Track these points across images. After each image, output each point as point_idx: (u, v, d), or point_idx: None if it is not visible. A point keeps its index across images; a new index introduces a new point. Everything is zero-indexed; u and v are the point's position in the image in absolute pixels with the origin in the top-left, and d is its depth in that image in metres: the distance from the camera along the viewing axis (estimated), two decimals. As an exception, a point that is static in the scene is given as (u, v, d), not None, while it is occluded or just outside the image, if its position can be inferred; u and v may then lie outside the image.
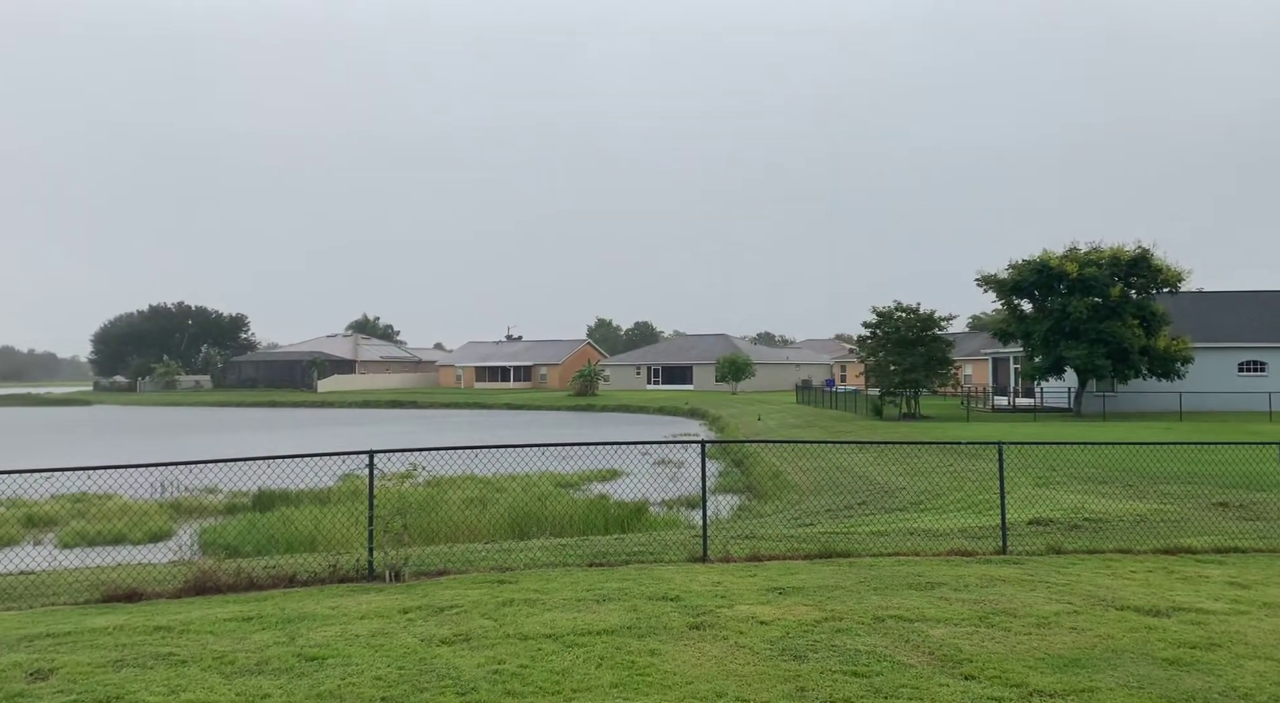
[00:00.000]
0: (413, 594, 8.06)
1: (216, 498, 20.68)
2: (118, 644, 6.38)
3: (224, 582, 8.68)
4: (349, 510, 15.66)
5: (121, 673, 5.67)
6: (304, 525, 15.26)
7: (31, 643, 6.47)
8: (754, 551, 10.10)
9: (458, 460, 20.23)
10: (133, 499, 19.05)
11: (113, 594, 8.39)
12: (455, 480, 20.76)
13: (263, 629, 6.81)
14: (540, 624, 6.80)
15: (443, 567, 9.46)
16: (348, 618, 7.14)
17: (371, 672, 5.68)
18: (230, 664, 5.86)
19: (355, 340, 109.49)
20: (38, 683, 5.48)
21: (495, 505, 17.72)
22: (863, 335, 41.38)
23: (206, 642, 6.44)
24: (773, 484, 21.82)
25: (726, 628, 6.66)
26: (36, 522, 17.82)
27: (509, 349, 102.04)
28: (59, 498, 18.87)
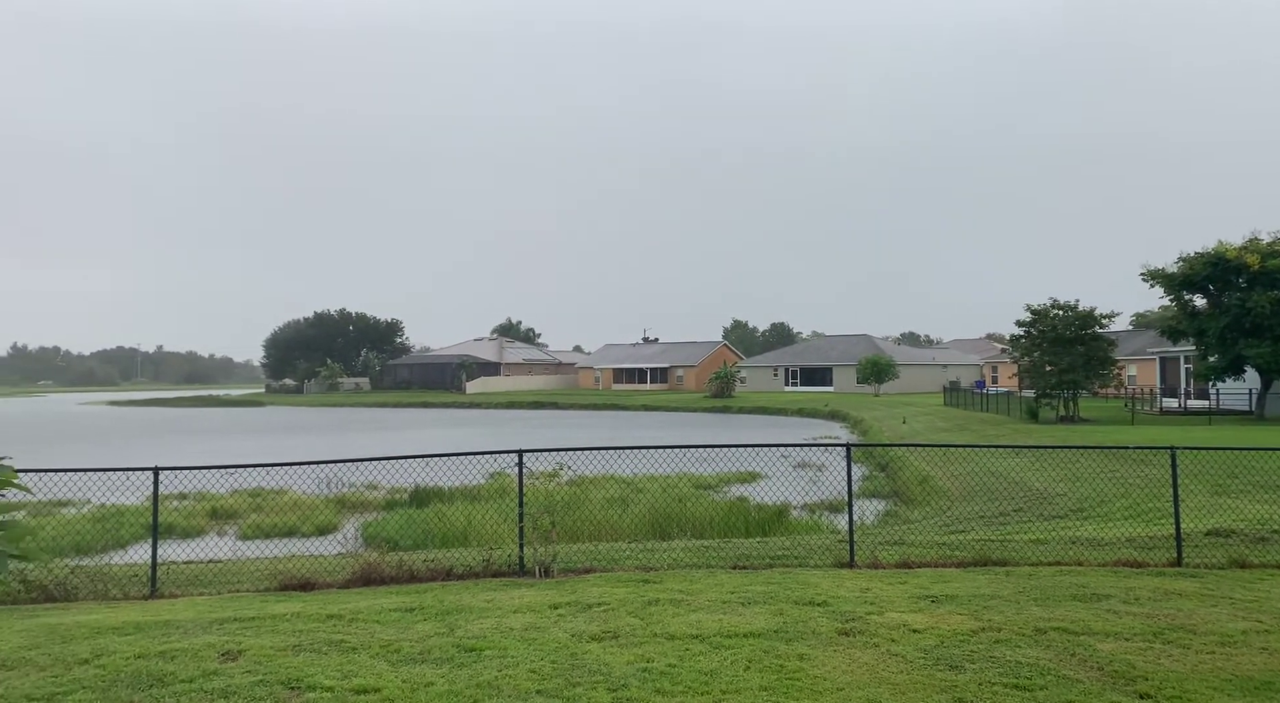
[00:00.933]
0: (562, 590, 8.28)
1: (377, 494, 21.82)
2: (295, 630, 6.86)
3: (387, 574, 9.17)
4: (498, 508, 16.21)
5: (300, 657, 6.10)
6: (457, 521, 15.91)
7: (222, 626, 7.04)
8: (903, 557, 9.82)
9: (599, 461, 20.61)
10: (303, 495, 20.41)
11: (289, 583, 9.02)
12: (597, 480, 21.15)
13: (424, 620, 7.16)
14: (686, 625, 6.84)
15: (589, 565, 9.67)
16: (502, 612, 7.41)
17: (526, 665, 5.87)
18: (396, 653, 6.19)
19: (500, 344, 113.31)
20: (228, 663, 5.96)
21: (636, 506, 17.92)
22: (1016, 334, 39.38)
23: (374, 631, 6.83)
24: (920, 489, 21.11)
25: (877, 635, 6.51)
26: (220, 514, 19.30)
27: (645, 351, 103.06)
28: (239, 493, 20.43)
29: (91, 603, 8.47)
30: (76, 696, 5.25)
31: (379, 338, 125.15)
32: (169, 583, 9.21)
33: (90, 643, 6.45)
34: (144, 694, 5.28)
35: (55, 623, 7.22)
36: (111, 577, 9.24)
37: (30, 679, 5.59)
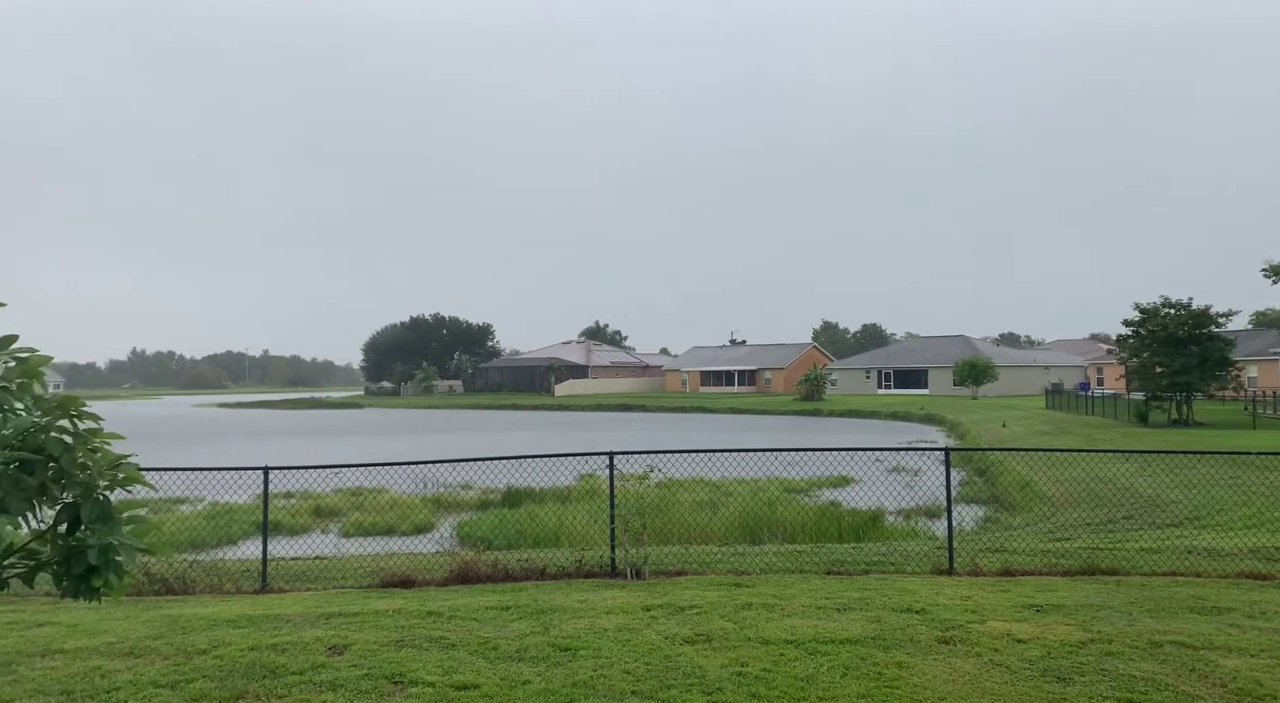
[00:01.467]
0: (654, 593, 8.31)
1: (471, 494, 22.30)
2: (397, 626, 7.07)
3: (483, 572, 9.36)
4: (587, 509, 16.36)
5: (402, 653, 6.28)
6: (548, 522, 16.13)
7: (328, 620, 7.31)
8: (1005, 565, 9.51)
9: (687, 463, 20.58)
10: (401, 494, 21.02)
11: (390, 580, 9.30)
12: (685, 483, 21.12)
13: (520, 619, 7.29)
14: (781, 630, 6.78)
15: (680, 567, 9.67)
16: (595, 612, 7.48)
17: (620, 665, 5.91)
18: (494, 650, 6.32)
19: (588, 347, 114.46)
20: (335, 657, 6.18)
21: (725, 509, 17.84)
22: (1124, 335, 37.68)
23: (472, 628, 6.99)
24: (1021, 495, 20.40)
25: (979, 644, 6.32)
26: (323, 513, 20.04)
27: (732, 353, 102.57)
28: (340, 492, 21.18)
29: (207, 596, 8.91)
30: (197, 684, 5.53)
31: (471, 341, 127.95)
32: (278, 578, 9.61)
33: (208, 634, 6.78)
34: (258, 685, 5.52)
35: (176, 614, 7.62)
36: (225, 571, 9.70)
37: (156, 667, 5.92)
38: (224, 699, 5.25)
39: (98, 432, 4.20)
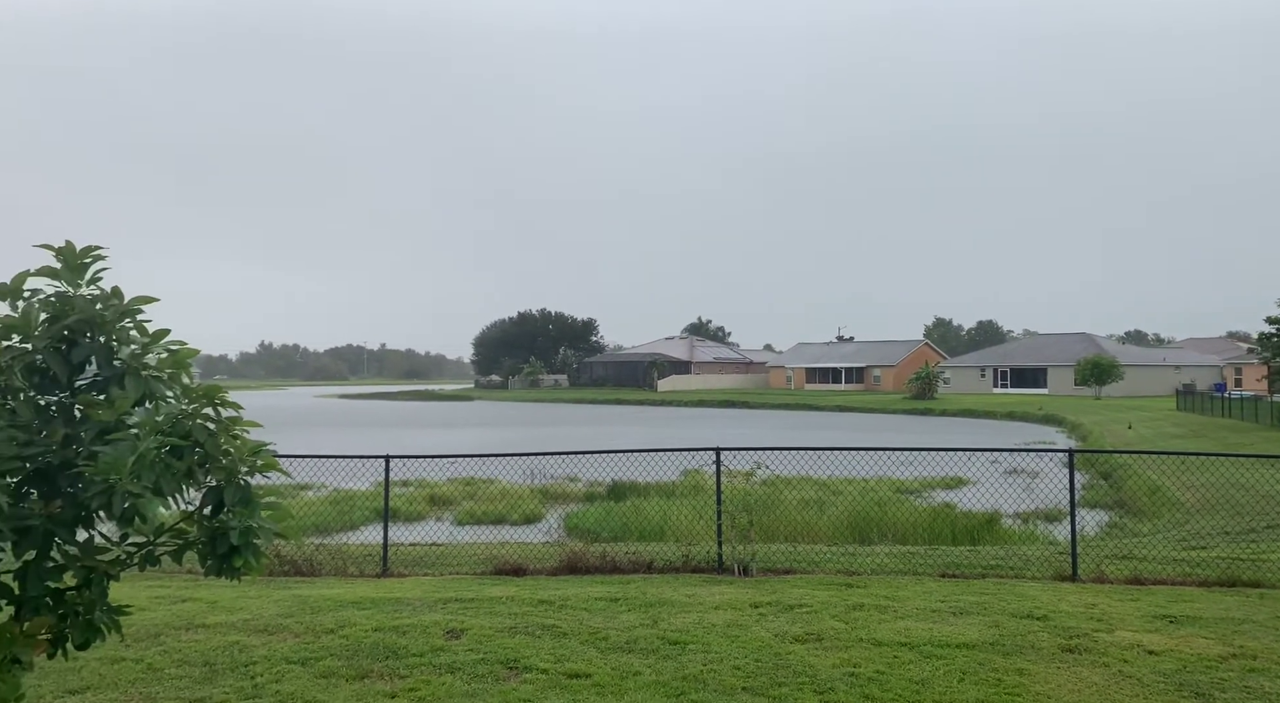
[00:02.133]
0: (761, 590, 8.26)
1: (577, 486, 22.64)
2: (511, 613, 7.25)
3: (592, 564, 9.50)
4: (692, 504, 16.37)
5: (516, 639, 6.44)
6: (653, 516, 16.22)
7: (445, 605, 7.56)
8: (1134, 572, 9.04)
9: (792, 461, 20.35)
10: (510, 484, 21.52)
11: (502, 568, 9.55)
12: (791, 481, 20.89)
13: (629, 611, 7.37)
14: (893, 632, 6.64)
15: (788, 566, 9.58)
16: (703, 607, 7.49)
17: (730, 661, 5.91)
18: (604, 640, 6.41)
19: (690, 342, 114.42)
20: (453, 641, 6.39)
21: (833, 508, 17.57)
22: (1266, 333, 35.26)
23: (582, 618, 7.10)
24: (1150, 501, 19.33)
25: (1106, 654, 6.03)
26: (438, 501, 20.70)
27: (840, 350, 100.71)
28: (454, 481, 21.81)
29: (332, 578, 9.34)
30: (326, 662, 5.81)
31: (575, 337, 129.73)
32: (398, 563, 9.99)
33: (334, 615, 7.12)
34: (382, 665, 5.76)
35: (305, 595, 8.03)
36: (349, 555, 10.15)
37: (288, 644, 6.25)
38: (351, 677, 5.50)
39: (238, 420, 4.46)
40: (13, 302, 4.14)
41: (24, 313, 4.09)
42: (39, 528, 3.85)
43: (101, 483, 3.79)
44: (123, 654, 5.87)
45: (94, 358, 4.18)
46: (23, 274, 4.15)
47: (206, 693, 5.19)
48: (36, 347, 4.01)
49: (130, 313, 4.35)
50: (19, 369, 3.98)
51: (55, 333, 4.09)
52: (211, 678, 5.48)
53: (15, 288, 4.14)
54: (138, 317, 4.37)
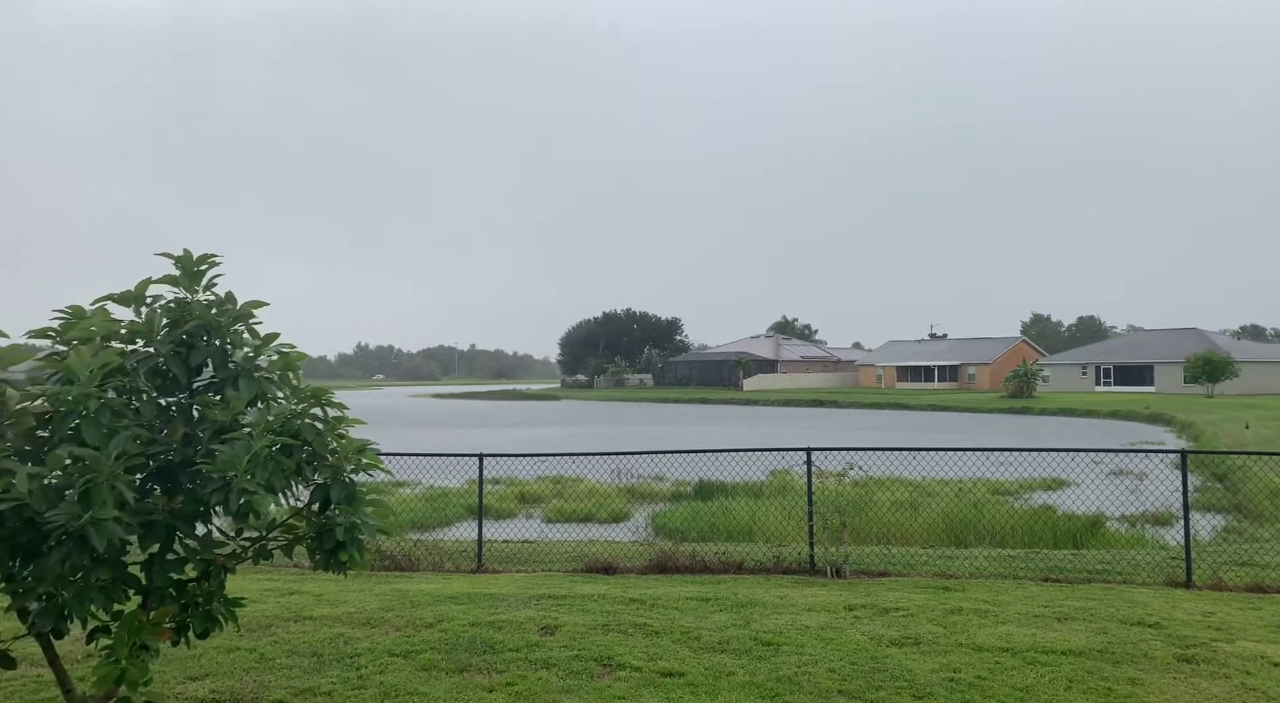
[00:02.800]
0: (855, 592, 8.13)
1: (663, 486, 22.67)
2: (603, 611, 7.32)
3: (681, 563, 9.51)
4: (781, 505, 16.21)
5: (608, 636, 6.50)
6: (741, 516, 16.12)
7: (538, 602, 7.68)
8: (1255, 580, 8.56)
9: (884, 461, 19.94)
10: (597, 483, 21.69)
11: (593, 566, 9.64)
12: (883, 482, 20.48)
13: (720, 611, 7.35)
14: (994, 637, 6.45)
15: (882, 568, 9.41)
16: (795, 609, 7.42)
17: (825, 663, 5.83)
18: (696, 640, 6.41)
19: (776, 341, 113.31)
20: (547, 637, 6.49)
21: (927, 510, 17.14)
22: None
23: (673, 617, 7.12)
24: (1272, 505, 18.26)
25: (1227, 665, 5.73)
26: (527, 498, 21.01)
27: (932, 348, 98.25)
28: (542, 479, 22.12)
29: (430, 573, 9.58)
30: (426, 655, 5.97)
31: (660, 336, 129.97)
32: (491, 559, 10.19)
33: (433, 609, 7.31)
34: (480, 659, 5.89)
35: (404, 589, 8.26)
36: (445, 551, 10.40)
37: (390, 637, 6.45)
38: (450, 671, 5.64)
39: (342, 419, 4.63)
40: (136, 307, 4.38)
41: (147, 319, 4.32)
42: (162, 522, 4.07)
43: (218, 480, 3.97)
44: (237, 644, 6.15)
45: (210, 361, 4.39)
46: (145, 281, 4.38)
47: (315, 683, 5.39)
48: (159, 351, 4.23)
49: (243, 317, 4.55)
50: (143, 372, 4.21)
51: (175, 337, 4.31)
52: (319, 668, 5.69)
53: (139, 294, 4.38)
54: (250, 321, 4.58)
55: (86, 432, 3.69)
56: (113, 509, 3.55)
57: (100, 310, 4.30)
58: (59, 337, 4.14)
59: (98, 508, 3.50)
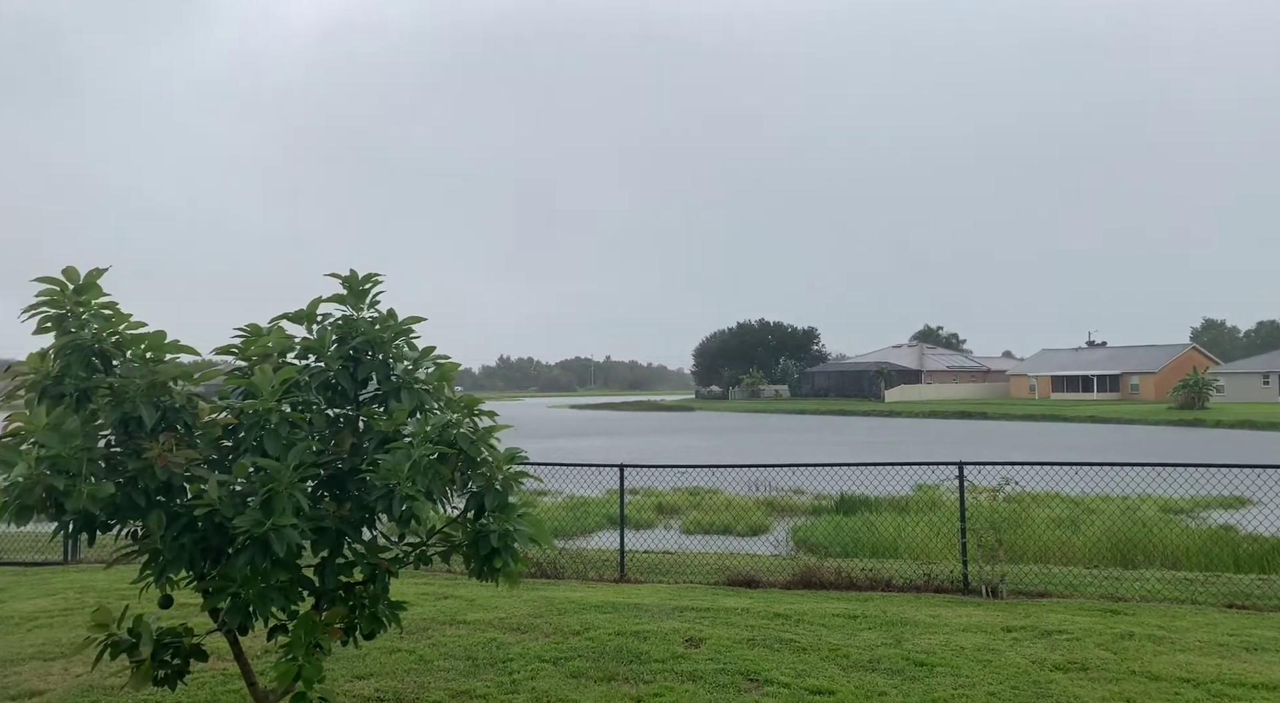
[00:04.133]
0: (1014, 613, 7.73)
1: (803, 499, 22.28)
2: (747, 625, 7.24)
3: (826, 579, 9.31)
4: (928, 521, 15.65)
5: (754, 651, 6.42)
6: (886, 531, 15.64)
7: (681, 613, 7.68)
8: None
9: (1039, 476, 18.92)
10: (734, 495, 21.53)
11: (735, 579, 9.56)
12: (1039, 497, 19.44)
13: (869, 629, 7.14)
14: (1172, 665, 5.98)
15: (1042, 589, 8.91)
16: (949, 629, 7.12)
17: (984, 687, 5.56)
18: (845, 658, 6.25)
19: (920, 350, 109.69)
20: (692, 649, 6.47)
21: (1089, 528, 16.13)
22: None
23: (820, 634, 6.96)
24: None
25: None
26: (665, 510, 21.10)
27: (1090, 356, 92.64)
28: (679, 491, 22.17)
29: (574, 581, 9.76)
30: (574, 662, 6.07)
31: (796, 346, 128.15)
32: (633, 569, 10.28)
33: (579, 617, 7.43)
34: (626, 669, 5.94)
35: (551, 596, 8.45)
36: (588, 560, 10.57)
37: (539, 643, 6.60)
38: (598, 679, 5.71)
39: (493, 428, 4.78)
40: (309, 325, 4.67)
41: (319, 335, 4.61)
42: (332, 528, 4.31)
43: (383, 487, 4.17)
44: (398, 645, 6.44)
45: (374, 374, 4.63)
46: (316, 300, 4.67)
47: (471, 686, 5.57)
48: (329, 365, 4.50)
49: (403, 332, 4.78)
50: (315, 385, 4.48)
51: (343, 353, 4.57)
52: (474, 672, 5.88)
53: (310, 313, 4.67)
54: (408, 335, 4.81)
55: (268, 443, 3.96)
56: (291, 516, 3.79)
57: (277, 328, 4.61)
58: (241, 353, 4.47)
59: (279, 515, 3.75)
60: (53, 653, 6.39)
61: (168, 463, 3.77)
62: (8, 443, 3.63)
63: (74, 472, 3.53)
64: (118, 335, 4.01)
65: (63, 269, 3.98)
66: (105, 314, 4.01)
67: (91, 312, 3.98)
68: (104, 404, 3.85)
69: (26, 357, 3.94)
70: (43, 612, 7.82)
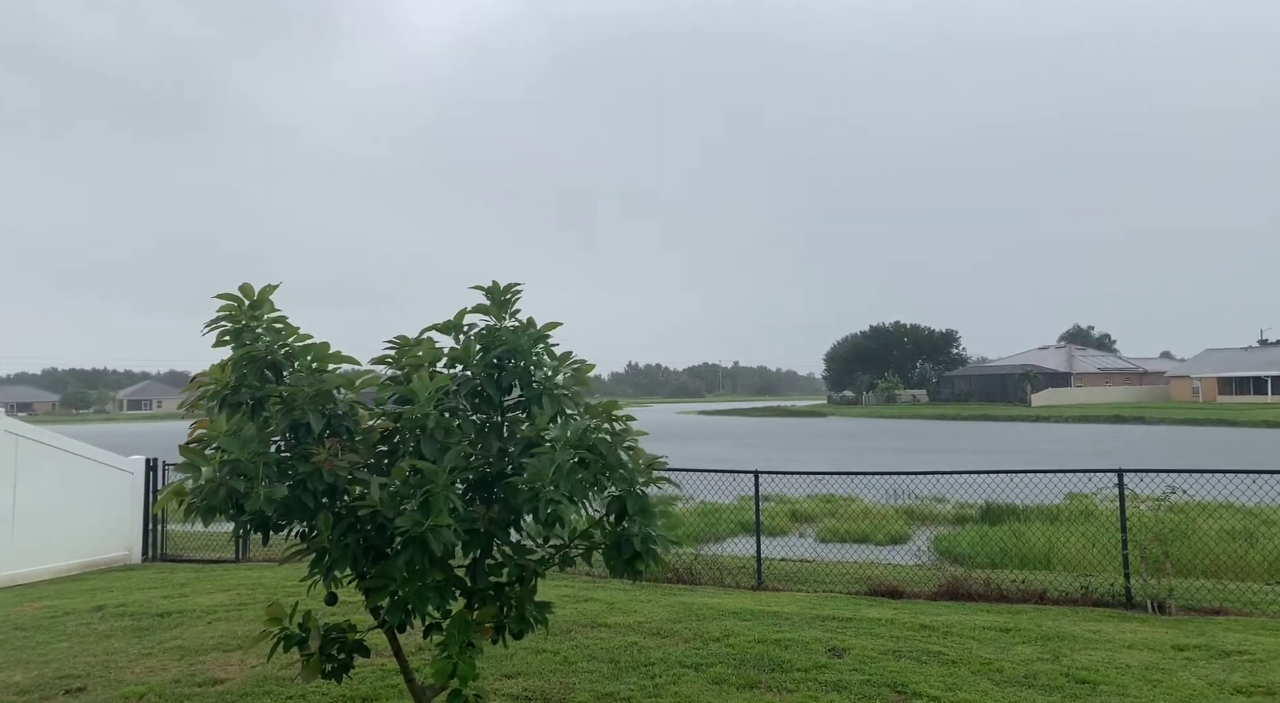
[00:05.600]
0: (1184, 630, 7.21)
1: (945, 508, 21.48)
2: (892, 636, 7.04)
3: (974, 590, 8.94)
4: (1083, 531, 14.81)
5: (900, 663, 6.23)
6: (1036, 542, 14.89)
7: (823, 623, 7.54)
8: None
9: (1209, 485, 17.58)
10: (871, 503, 20.97)
11: (876, 589, 9.32)
12: (1208, 507, 18.05)
13: (1023, 643, 6.81)
14: (1377, 695, 5.43)
15: (1217, 605, 8.28)
16: (1112, 645, 6.71)
17: (1155, 710, 5.21)
18: (998, 673, 5.98)
19: (1069, 352, 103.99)
20: (835, 659, 6.34)
21: (1267, 541, 14.87)
22: None
23: (970, 647, 6.69)
24: None
25: None
26: (798, 517, 20.77)
27: (1264, 356, 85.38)
28: (813, 498, 21.77)
29: (710, 587, 9.74)
30: (716, 669, 6.05)
31: (934, 349, 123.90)
32: (770, 577, 10.17)
33: (718, 623, 7.41)
34: (768, 676, 5.87)
35: (689, 602, 8.45)
36: (724, 566, 10.53)
37: (680, 648, 6.62)
38: (740, 686, 5.67)
39: (629, 431, 4.83)
40: (455, 335, 4.87)
41: (464, 345, 4.79)
42: (482, 530, 4.46)
43: (528, 491, 4.29)
44: (543, 646, 6.59)
45: (517, 381, 4.77)
46: (462, 312, 4.86)
47: (615, 688, 5.64)
48: (475, 374, 4.67)
49: (542, 338, 4.91)
50: (463, 393, 4.66)
51: (488, 361, 4.73)
52: (617, 675, 5.95)
53: (456, 324, 4.86)
54: (547, 341, 4.94)
55: (425, 447, 4.14)
56: (447, 516, 3.96)
57: (427, 339, 4.83)
58: (395, 362, 4.70)
59: (435, 515, 3.91)
60: (230, 645, 6.87)
61: (333, 466, 4.00)
62: (194, 448, 3.93)
63: (251, 475, 3.79)
64: (287, 347, 4.29)
65: (239, 286, 4.30)
66: (276, 328, 4.30)
67: (264, 325, 4.28)
68: (276, 412, 4.12)
69: (208, 368, 4.26)
70: (220, 606, 8.43)
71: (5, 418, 10.71)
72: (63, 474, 11.46)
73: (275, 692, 5.62)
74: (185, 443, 4.02)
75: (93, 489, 11.95)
